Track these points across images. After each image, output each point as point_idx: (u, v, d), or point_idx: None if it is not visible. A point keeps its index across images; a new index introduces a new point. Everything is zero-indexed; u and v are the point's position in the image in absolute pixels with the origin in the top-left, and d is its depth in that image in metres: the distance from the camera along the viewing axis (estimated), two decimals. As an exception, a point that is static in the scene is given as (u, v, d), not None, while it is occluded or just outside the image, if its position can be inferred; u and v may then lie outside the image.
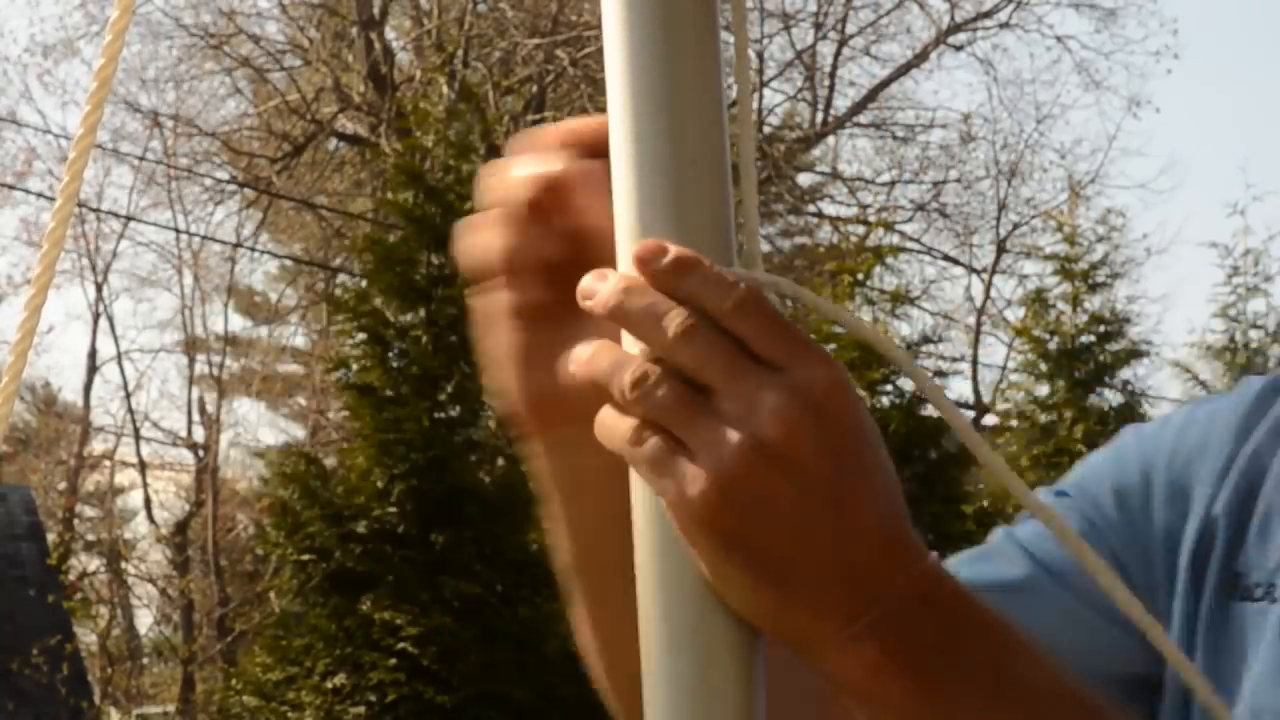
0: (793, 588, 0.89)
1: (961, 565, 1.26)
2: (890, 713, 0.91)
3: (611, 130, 0.94)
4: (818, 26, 25.26)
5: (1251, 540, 1.20)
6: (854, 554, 0.89)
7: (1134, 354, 15.98)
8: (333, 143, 25.12)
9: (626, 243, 0.93)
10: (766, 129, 24.96)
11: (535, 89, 23.69)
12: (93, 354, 27.27)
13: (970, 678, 0.92)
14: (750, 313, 0.90)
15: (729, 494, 0.88)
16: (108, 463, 28.90)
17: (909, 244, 24.86)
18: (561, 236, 1.03)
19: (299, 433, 28.87)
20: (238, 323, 30.74)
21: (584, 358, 0.93)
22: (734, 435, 0.88)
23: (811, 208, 26.73)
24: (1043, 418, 15.62)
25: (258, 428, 44.77)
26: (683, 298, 0.90)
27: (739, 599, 0.90)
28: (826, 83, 25.53)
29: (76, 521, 28.03)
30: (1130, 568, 1.22)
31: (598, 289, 0.93)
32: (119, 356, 27.56)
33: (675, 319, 0.90)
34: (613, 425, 0.92)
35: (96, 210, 25.69)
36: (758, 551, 0.89)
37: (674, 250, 0.91)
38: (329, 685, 12.21)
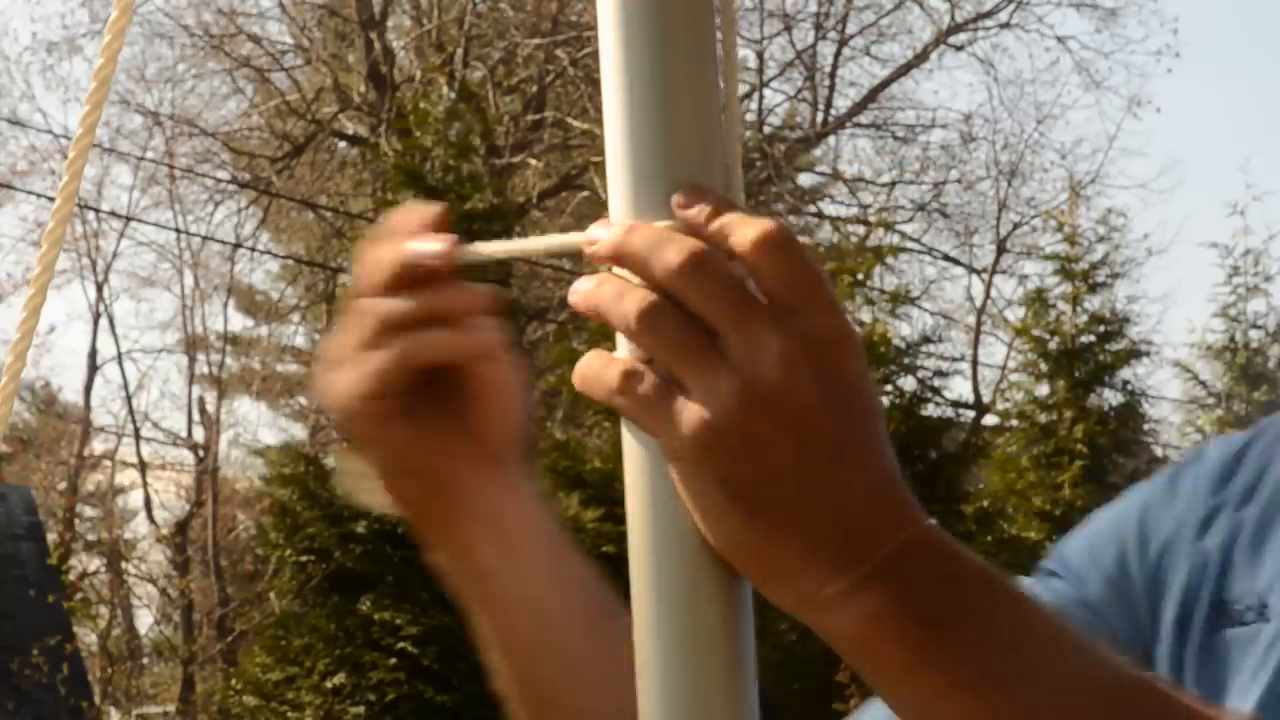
0: (787, 531, 0.87)
1: None
2: (888, 666, 0.90)
3: (607, 130, 0.95)
4: (818, 27, 25.26)
5: (1239, 568, 1.21)
6: (850, 506, 0.88)
7: (1134, 354, 15.98)
8: (333, 143, 25.12)
9: None
10: (766, 129, 24.97)
11: (535, 89, 23.68)
12: (93, 354, 27.28)
13: (970, 629, 0.90)
14: (771, 249, 0.88)
15: (724, 436, 0.86)
16: (108, 463, 28.91)
17: (909, 244, 24.87)
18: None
19: (299, 433, 28.87)
20: (238, 322, 30.77)
21: (586, 288, 0.91)
22: (734, 378, 0.86)
23: (812, 208, 26.73)
24: (1043, 418, 15.61)
25: (258, 428, 44.77)
26: (708, 235, 0.89)
27: (730, 538, 0.88)
28: (827, 83, 25.53)
29: (76, 521, 28.03)
30: (1127, 638, 1.23)
31: (601, 234, 0.91)
32: (119, 356, 27.58)
33: (684, 247, 0.88)
34: (599, 371, 0.90)
35: (96, 210, 25.71)
36: (752, 492, 0.87)
37: (715, 194, 0.90)
38: (329, 685, 12.21)
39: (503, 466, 1.09)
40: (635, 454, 0.93)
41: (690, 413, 0.87)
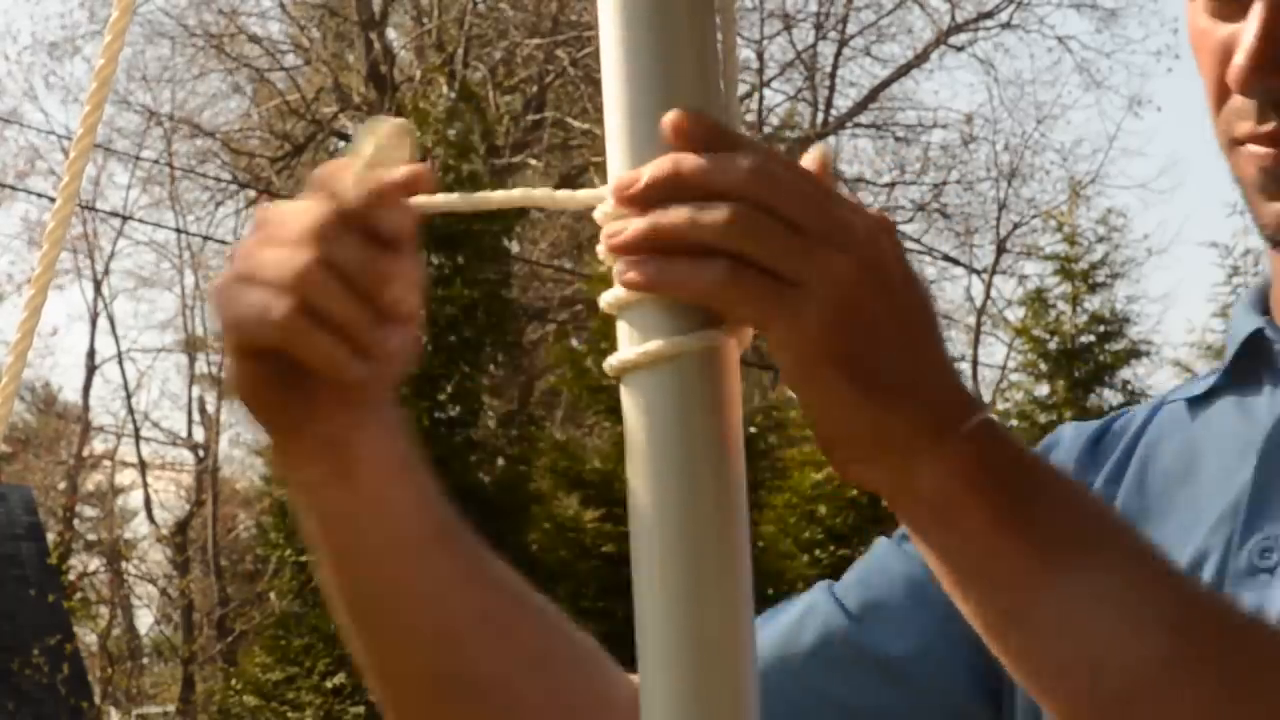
0: (895, 402, 0.93)
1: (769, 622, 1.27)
2: (967, 524, 0.95)
3: (608, 131, 0.95)
4: (818, 27, 25.24)
5: None
6: (944, 376, 0.95)
7: (1134, 354, 15.97)
8: (333, 143, 25.11)
9: None
10: (766, 129, 24.95)
11: (535, 89, 23.67)
12: (91, 354, 27.26)
13: (1045, 500, 0.96)
14: (813, 174, 0.94)
15: (848, 315, 0.91)
16: (108, 463, 28.89)
17: (909, 244, 24.85)
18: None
19: (299, 433, 28.80)
20: (238, 323, 30.61)
21: (637, 231, 0.92)
22: (846, 258, 0.91)
23: (812, 208, 26.66)
24: (1042, 418, 15.60)
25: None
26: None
27: (841, 418, 0.93)
28: (827, 83, 25.51)
29: (76, 521, 28.01)
30: None
31: (631, 178, 0.92)
32: (119, 356, 27.56)
33: (750, 154, 0.91)
34: (692, 271, 0.91)
35: (94, 210, 25.68)
36: (869, 365, 0.92)
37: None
38: (329, 685, 12.21)
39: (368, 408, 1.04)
40: (638, 454, 0.93)
41: (809, 298, 0.90)
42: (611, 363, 0.95)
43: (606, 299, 0.95)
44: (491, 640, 1.07)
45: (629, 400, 0.95)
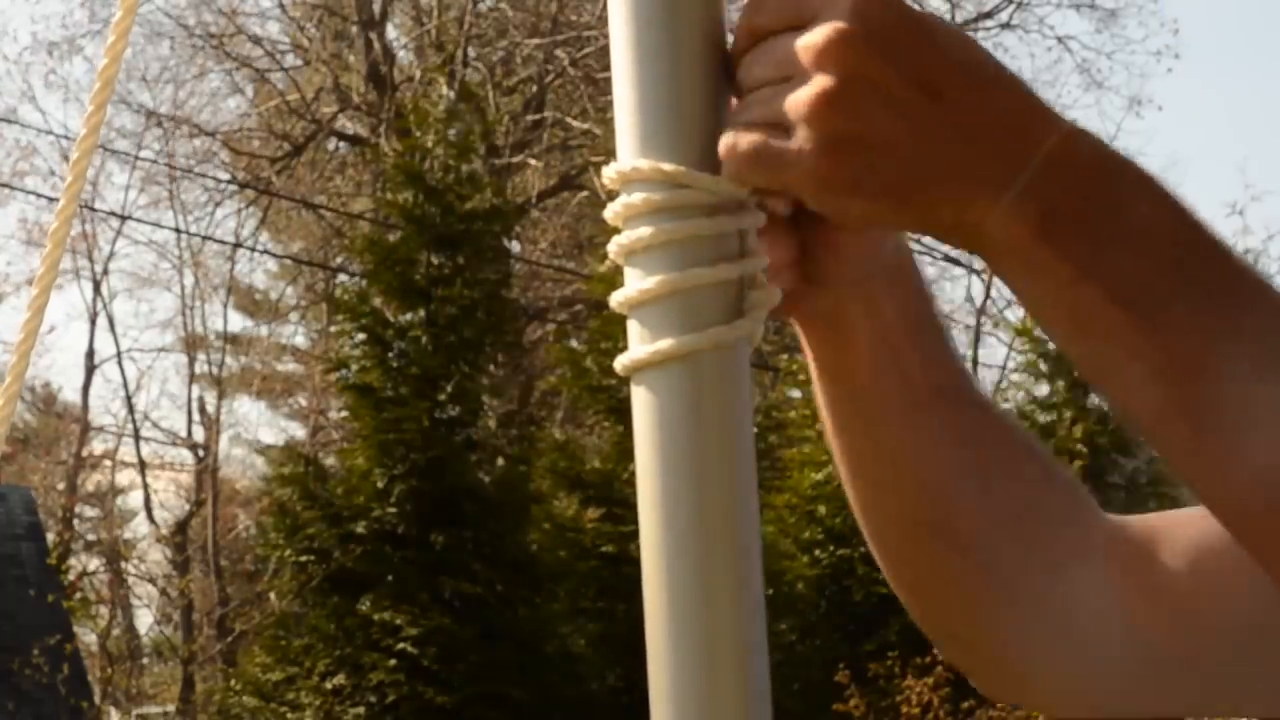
0: (935, 188, 0.92)
1: None
2: (1049, 281, 0.92)
3: (619, 129, 0.95)
4: (818, 27, 25.24)
5: None
6: (978, 138, 0.91)
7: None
8: (333, 143, 25.11)
9: None
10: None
11: (535, 89, 23.66)
12: (90, 354, 27.25)
13: (1128, 234, 0.93)
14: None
15: (831, 148, 0.90)
16: (108, 463, 28.89)
17: (910, 244, 24.81)
18: None
19: (299, 433, 28.85)
20: (238, 322, 30.73)
21: None
22: (804, 94, 0.90)
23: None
24: (1042, 418, 15.60)
25: (258, 427, 44.78)
26: None
27: (881, 223, 0.95)
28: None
29: (76, 521, 28.01)
30: None
31: None
32: (119, 356, 27.56)
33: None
34: (724, 144, 0.93)
35: (93, 210, 25.67)
36: (883, 185, 0.91)
37: None
38: (329, 685, 12.21)
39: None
40: (647, 453, 0.93)
41: (795, 144, 0.90)
42: (622, 361, 0.95)
43: (617, 298, 0.95)
44: (972, 496, 1.10)
45: (639, 399, 0.94)
